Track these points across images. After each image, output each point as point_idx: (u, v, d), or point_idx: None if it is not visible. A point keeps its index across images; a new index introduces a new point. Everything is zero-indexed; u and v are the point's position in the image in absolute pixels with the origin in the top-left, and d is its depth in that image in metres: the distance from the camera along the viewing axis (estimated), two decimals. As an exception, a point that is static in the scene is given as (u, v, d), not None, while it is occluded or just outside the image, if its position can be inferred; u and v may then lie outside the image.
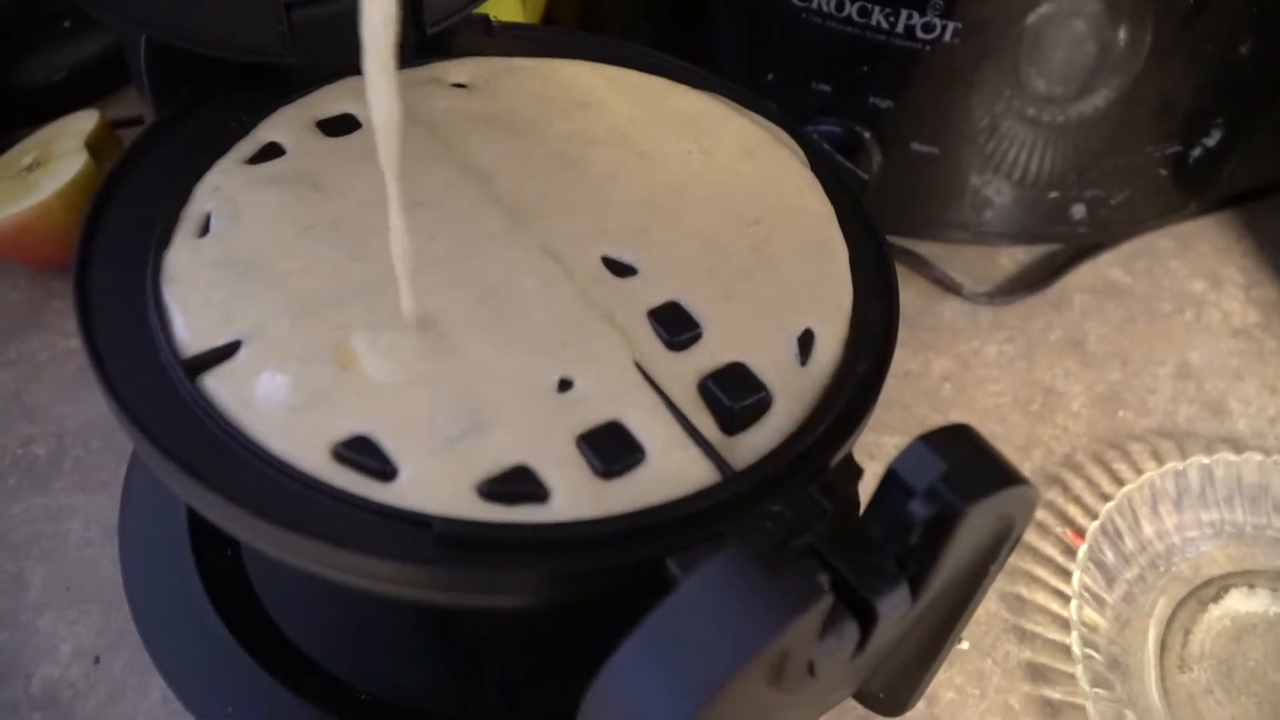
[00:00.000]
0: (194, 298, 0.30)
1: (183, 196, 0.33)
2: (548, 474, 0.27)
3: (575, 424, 0.28)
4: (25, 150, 0.51)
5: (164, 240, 0.31)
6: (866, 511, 0.26)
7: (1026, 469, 0.49)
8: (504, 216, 0.33)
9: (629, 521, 0.27)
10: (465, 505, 0.26)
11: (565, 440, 0.28)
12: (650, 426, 0.28)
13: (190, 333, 0.29)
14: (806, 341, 0.31)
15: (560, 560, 0.26)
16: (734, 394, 0.29)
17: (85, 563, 0.43)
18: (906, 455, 0.25)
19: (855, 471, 0.29)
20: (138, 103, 0.40)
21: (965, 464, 0.25)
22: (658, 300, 0.32)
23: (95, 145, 0.50)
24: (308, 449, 0.27)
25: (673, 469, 0.28)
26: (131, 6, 0.34)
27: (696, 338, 0.31)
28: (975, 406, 0.52)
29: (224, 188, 0.33)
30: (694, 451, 0.28)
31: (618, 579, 0.26)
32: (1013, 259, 0.59)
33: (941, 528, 0.24)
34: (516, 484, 0.27)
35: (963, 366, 0.53)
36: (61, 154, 0.50)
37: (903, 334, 0.54)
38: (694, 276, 0.33)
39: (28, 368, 0.49)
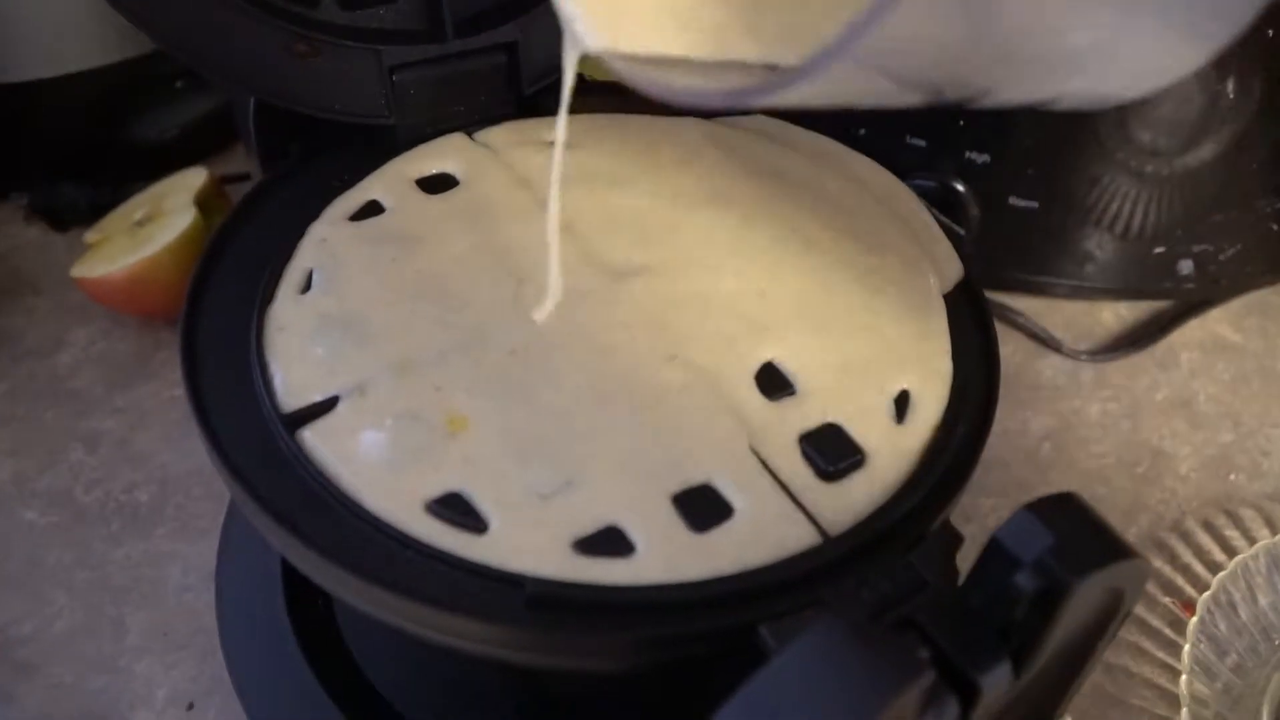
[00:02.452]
0: (295, 352, 0.30)
1: (286, 253, 0.34)
2: (638, 532, 0.27)
3: (669, 484, 0.28)
4: (137, 205, 0.53)
5: (268, 296, 0.32)
6: (967, 582, 0.25)
7: (1132, 535, 0.47)
8: (599, 274, 0.33)
9: (722, 586, 0.26)
10: (555, 561, 0.26)
11: (659, 500, 0.27)
12: (745, 488, 0.28)
13: (290, 387, 0.30)
14: (904, 403, 0.31)
15: (652, 625, 0.25)
16: (830, 457, 0.29)
17: (183, 608, 0.44)
18: (1011, 525, 0.24)
19: (955, 539, 0.28)
20: (245, 160, 0.42)
21: (1073, 535, 0.24)
22: (757, 361, 0.31)
23: (204, 201, 0.52)
24: (402, 505, 0.27)
25: (768, 532, 0.27)
26: (242, 71, 0.35)
27: (791, 396, 0.31)
28: (1077, 468, 0.50)
29: (326, 244, 0.34)
30: (790, 515, 0.28)
31: (710, 645, 0.26)
32: (1116, 315, 0.57)
33: (1048, 602, 0.23)
34: (607, 541, 0.27)
35: (1064, 426, 0.52)
36: (172, 209, 0.52)
37: (1000, 392, 0.53)
38: (800, 336, 0.32)
39: (134, 415, 0.51)
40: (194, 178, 0.53)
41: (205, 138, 0.60)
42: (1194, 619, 0.42)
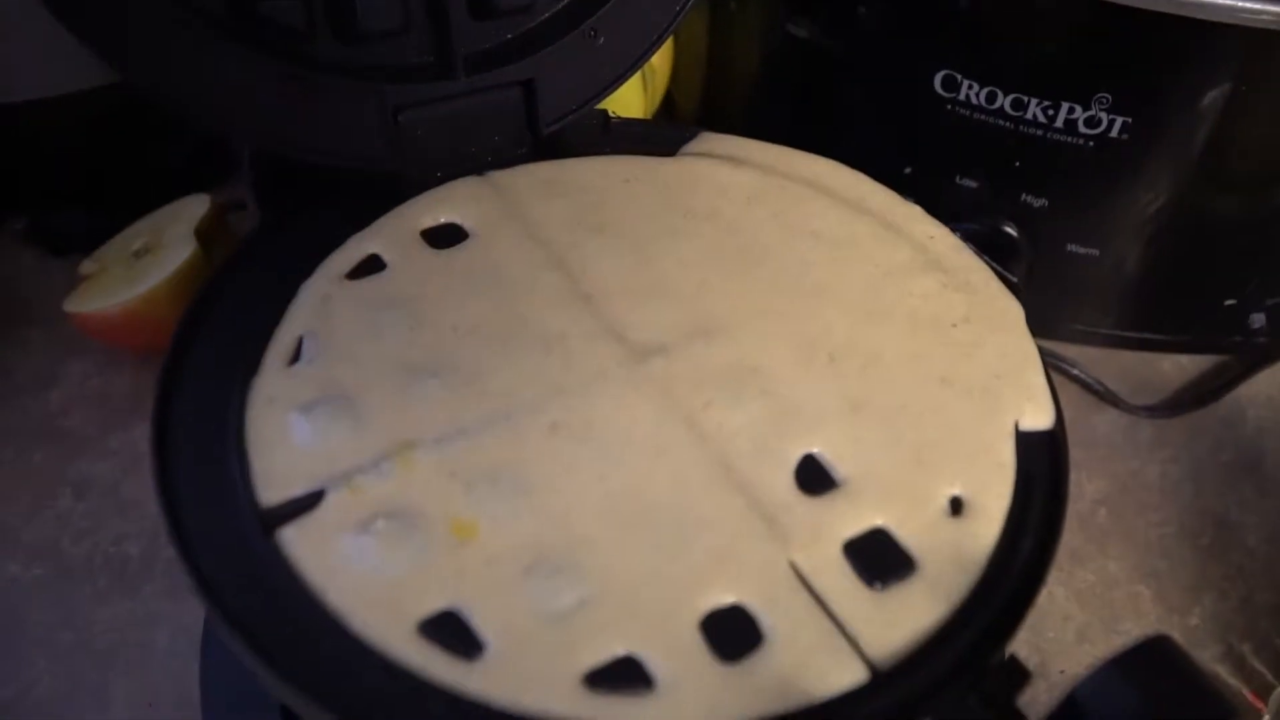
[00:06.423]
0: (277, 435, 0.27)
1: (274, 317, 0.30)
2: (658, 663, 0.24)
3: (696, 607, 0.24)
4: (136, 235, 0.50)
5: (252, 367, 0.29)
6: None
7: (1196, 615, 0.44)
8: (627, 351, 0.30)
9: (753, 732, 0.23)
10: (564, 698, 0.23)
11: (683, 626, 0.24)
12: (783, 611, 0.25)
13: (271, 477, 0.26)
14: (960, 506, 0.27)
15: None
16: (877, 569, 0.25)
17: (170, 676, 0.41)
18: (1095, 682, 0.21)
19: (1021, 675, 0.24)
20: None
21: (1166, 698, 0.20)
22: (800, 450, 0.28)
23: (205, 232, 0.49)
24: (390, 626, 0.24)
25: (808, 665, 0.24)
26: (228, 114, 0.32)
27: (836, 491, 0.27)
28: (1135, 539, 0.46)
29: (320, 307, 0.31)
30: (833, 645, 0.24)
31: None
32: (1176, 365, 0.53)
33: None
34: (623, 674, 0.23)
35: (1120, 489, 0.48)
36: (171, 241, 0.49)
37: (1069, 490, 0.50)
38: (855, 418, 0.29)
39: (127, 459, 0.48)
40: (196, 206, 0.50)
41: (211, 162, 0.57)
42: (1265, 717, 0.39)
